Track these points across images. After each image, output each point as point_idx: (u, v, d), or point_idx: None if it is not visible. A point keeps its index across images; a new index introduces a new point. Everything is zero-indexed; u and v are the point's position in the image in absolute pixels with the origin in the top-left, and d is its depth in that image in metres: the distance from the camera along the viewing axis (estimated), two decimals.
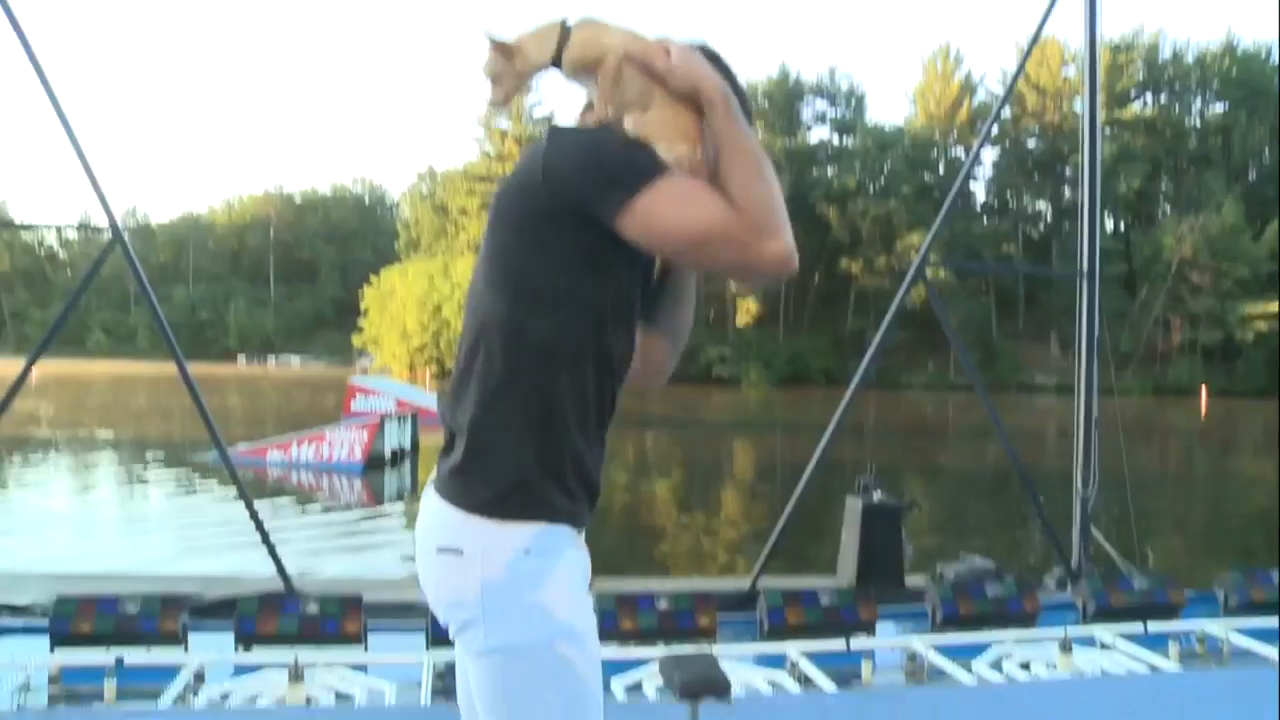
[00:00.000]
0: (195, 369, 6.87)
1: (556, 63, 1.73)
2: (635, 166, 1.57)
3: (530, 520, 1.66)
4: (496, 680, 1.67)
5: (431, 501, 1.74)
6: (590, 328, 1.64)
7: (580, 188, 1.58)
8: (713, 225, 1.54)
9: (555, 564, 1.68)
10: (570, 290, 1.63)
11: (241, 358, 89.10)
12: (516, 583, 1.65)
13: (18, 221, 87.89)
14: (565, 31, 1.72)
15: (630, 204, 1.55)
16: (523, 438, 1.64)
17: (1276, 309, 59.30)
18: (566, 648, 1.67)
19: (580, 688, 1.68)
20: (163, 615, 5.29)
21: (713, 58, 1.74)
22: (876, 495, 7.51)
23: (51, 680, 5.04)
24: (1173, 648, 5.72)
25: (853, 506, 7.48)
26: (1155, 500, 16.86)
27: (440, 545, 1.68)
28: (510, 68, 1.74)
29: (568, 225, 1.60)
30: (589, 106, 1.74)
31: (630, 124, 1.65)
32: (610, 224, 1.57)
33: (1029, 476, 7.55)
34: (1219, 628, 6.01)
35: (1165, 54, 72.45)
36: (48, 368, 49.18)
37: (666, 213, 1.55)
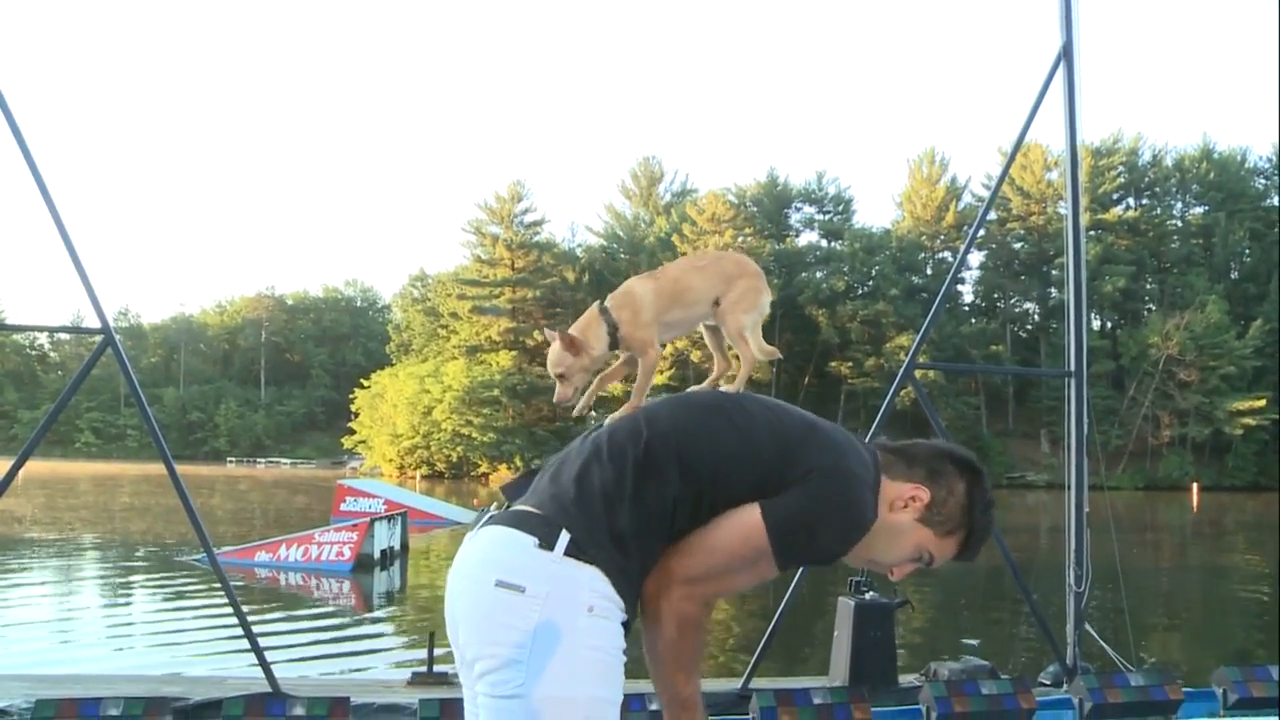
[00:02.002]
0: (184, 470, 6.85)
1: (614, 345, 1.92)
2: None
3: (604, 575, 1.70)
4: None
5: (496, 533, 1.78)
6: None
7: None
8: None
9: (610, 631, 1.70)
10: None
11: (231, 459, 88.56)
12: (573, 635, 1.67)
13: (8, 322, 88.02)
14: (606, 312, 1.89)
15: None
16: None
17: (1263, 404, 59.69)
18: (596, 714, 1.67)
19: None
20: (145, 718, 5.18)
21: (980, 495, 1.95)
22: (869, 594, 7.47)
23: None
24: None
25: (845, 605, 7.43)
26: (1150, 595, 16.74)
27: (501, 580, 1.71)
28: (577, 364, 1.89)
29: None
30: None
31: None
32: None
33: (1021, 573, 7.52)
34: None
35: (1145, 158, 74.03)
36: (34, 468, 48.86)
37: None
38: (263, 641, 6.69)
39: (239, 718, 5.25)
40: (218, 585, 7.26)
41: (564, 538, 1.72)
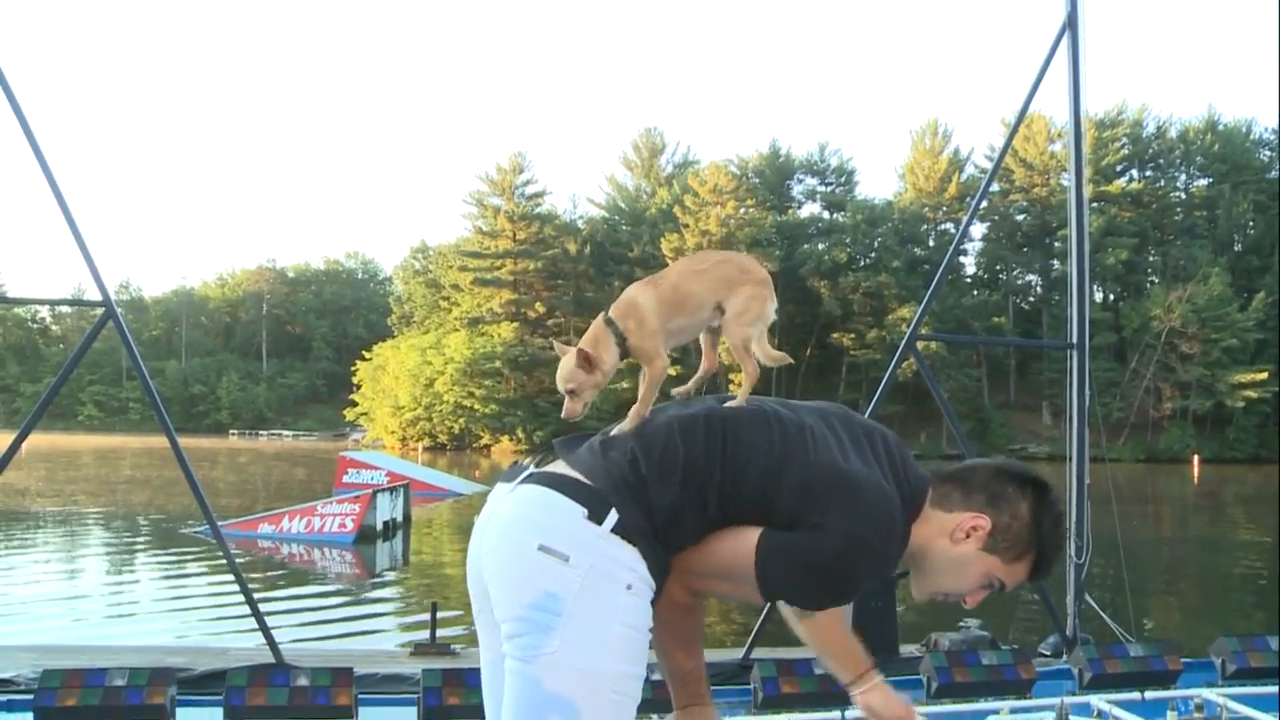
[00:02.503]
0: (186, 442, 6.86)
1: (624, 355, 1.93)
2: None
3: (643, 559, 1.73)
4: (543, 691, 1.70)
5: (540, 494, 1.77)
6: None
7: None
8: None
9: (643, 610, 1.71)
10: None
11: (233, 432, 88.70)
12: (610, 611, 1.69)
13: (10, 295, 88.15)
14: (612, 323, 1.85)
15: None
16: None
17: (1265, 377, 59.70)
18: (623, 689, 1.69)
19: None
20: (150, 688, 5.20)
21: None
22: None
23: None
24: (1170, 716, 5.67)
25: None
26: (1150, 566, 16.80)
27: (546, 545, 1.71)
28: (590, 380, 1.86)
29: None
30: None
31: None
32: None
33: None
34: (1216, 695, 5.97)
35: (1149, 130, 73.69)
36: (36, 441, 48.94)
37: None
38: (266, 612, 6.72)
39: (243, 688, 5.26)
40: (221, 557, 7.29)
41: (613, 516, 1.72)
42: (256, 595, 6.77)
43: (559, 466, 1.83)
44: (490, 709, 1.89)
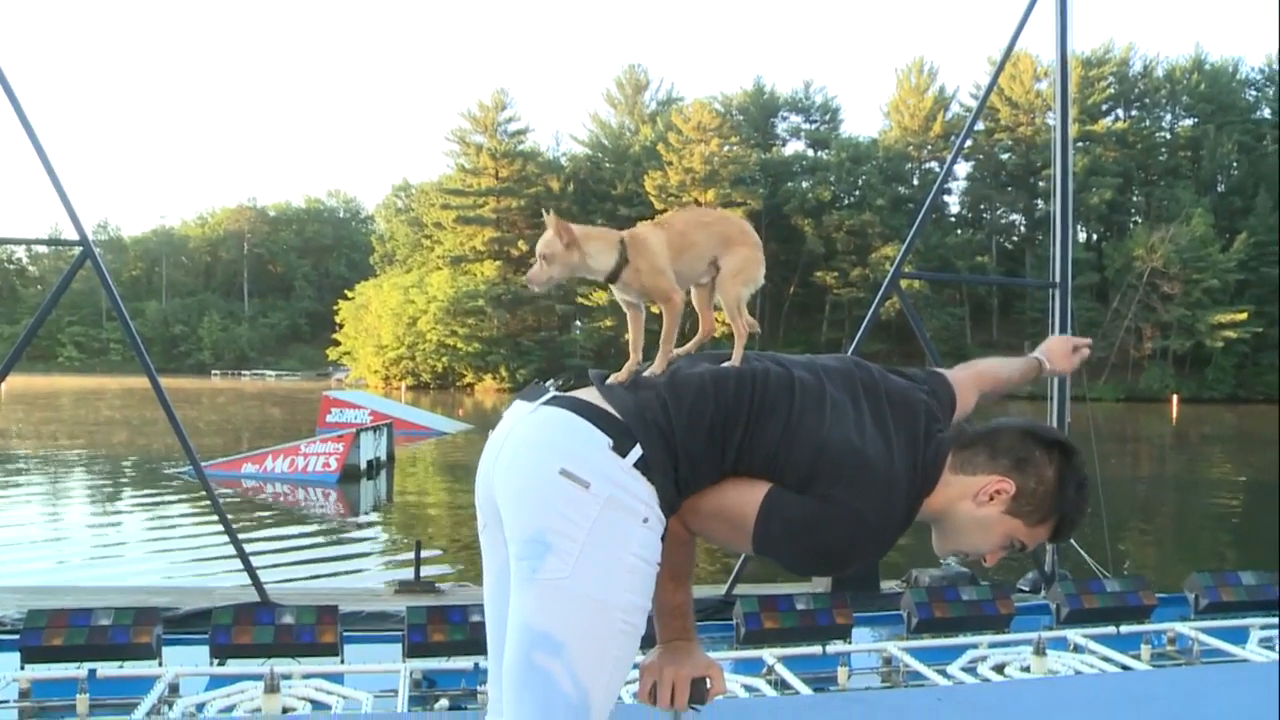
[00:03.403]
0: (168, 383, 6.83)
1: (613, 278, 1.88)
2: None
3: (659, 496, 1.73)
4: (552, 613, 1.71)
5: (564, 418, 1.76)
6: None
7: None
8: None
9: (655, 544, 1.74)
10: None
11: (215, 372, 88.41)
12: (624, 541, 1.70)
13: None
14: (623, 244, 1.81)
15: None
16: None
17: (1244, 317, 60.10)
18: (631, 620, 1.71)
19: (620, 656, 1.75)
20: (136, 628, 5.22)
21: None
22: None
23: (22, 695, 4.98)
24: (1144, 649, 5.78)
25: None
26: (1128, 504, 17.02)
27: (567, 469, 1.70)
28: (567, 257, 1.83)
29: None
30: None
31: None
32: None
33: None
34: (1189, 628, 6.08)
35: (1136, 68, 73.30)
36: (15, 383, 48.71)
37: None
38: (250, 552, 6.75)
39: (228, 626, 5.29)
40: (205, 497, 7.30)
41: (637, 451, 1.72)
42: (241, 535, 6.79)
43: (586, 394, 1.83)
44: (493, 626, 1.90)
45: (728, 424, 1.77)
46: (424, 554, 8.11)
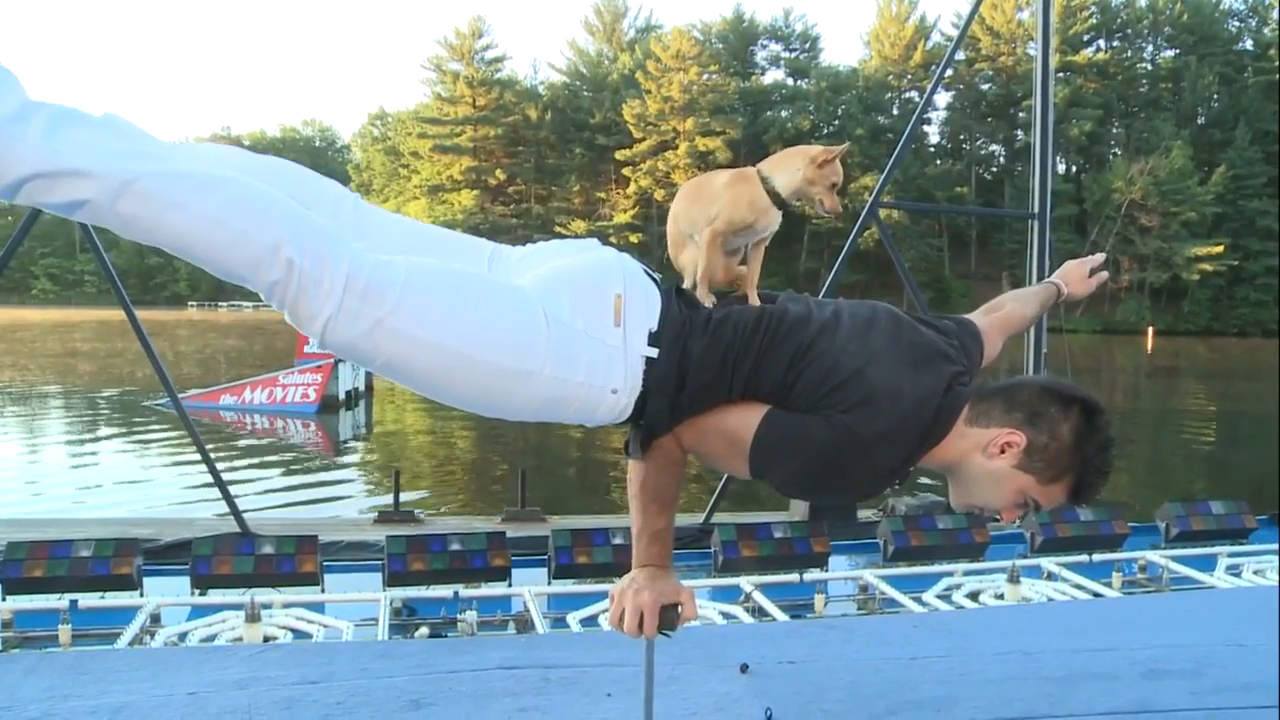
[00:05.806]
0: (145, 315, 6.77)
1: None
2: None
3: (646, 401, 1.76)
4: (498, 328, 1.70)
5: (646, 282, 1.82)
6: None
7: None
8: None
9: (607, 406, 1.77)
10: None
11: (192, 304, 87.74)
12: (589, 374, 1.72)
13: None
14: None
15: None
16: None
17: (1221, 251, 60.42)
18: (548, 314, 1.71)
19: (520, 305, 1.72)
20: (116, 559, 5.24)
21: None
22: None
23: (4, 625, 5.01)
24: (1115, 576, 5.89)
25: None
26: None
27: (622, 299, 1.76)
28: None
29: None
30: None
31: None
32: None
33: None
34: (1160, 556, 6.20)
35: None
36: None
37: None
38: (230, 483, 6.75)
39: (209, 557, 5.31)
40: (184, 430, 7.28)
41: (653, 353, 1.75)
42: (220, 467, 6.78)
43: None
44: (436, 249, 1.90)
45: (740, 356, 1.77)
46: (402, 482, 8.13)
